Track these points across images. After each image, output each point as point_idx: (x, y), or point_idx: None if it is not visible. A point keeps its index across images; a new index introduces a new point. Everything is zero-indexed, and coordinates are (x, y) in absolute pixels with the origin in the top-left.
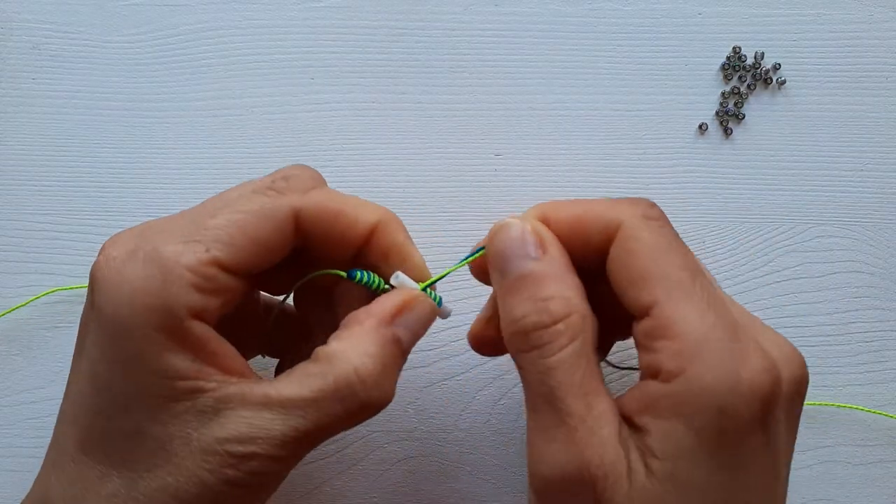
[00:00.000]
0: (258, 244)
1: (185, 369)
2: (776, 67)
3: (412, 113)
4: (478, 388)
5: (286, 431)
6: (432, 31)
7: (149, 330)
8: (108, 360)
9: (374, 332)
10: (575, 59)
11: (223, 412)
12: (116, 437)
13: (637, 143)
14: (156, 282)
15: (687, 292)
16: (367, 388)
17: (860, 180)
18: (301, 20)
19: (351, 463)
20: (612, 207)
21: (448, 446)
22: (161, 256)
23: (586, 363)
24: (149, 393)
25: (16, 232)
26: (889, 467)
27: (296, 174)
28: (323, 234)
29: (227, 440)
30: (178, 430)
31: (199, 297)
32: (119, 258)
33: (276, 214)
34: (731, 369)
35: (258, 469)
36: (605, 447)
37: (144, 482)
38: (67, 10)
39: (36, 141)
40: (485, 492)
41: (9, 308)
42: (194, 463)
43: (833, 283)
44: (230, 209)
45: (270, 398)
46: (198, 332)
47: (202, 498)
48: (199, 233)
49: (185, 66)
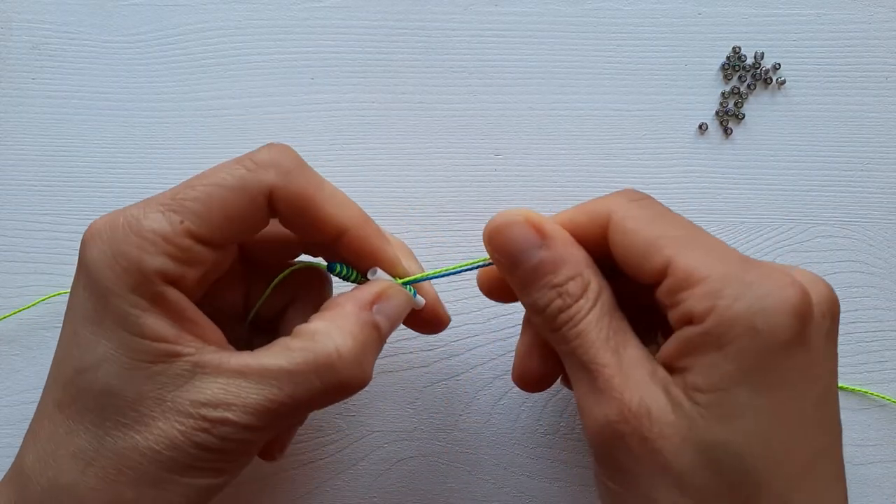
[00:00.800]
0: (231, 218)
1: (163, 332)
2: (776, 67)
3: (412, 113)
4: (478, 388)
5: (260, 400)
6: (432, 31)
7: (127, 291)
8: (90, 319)
9: (355, 315)
10: (575, 59)
11: (199, 376)
12: (89, 395)
13: (637, 143)
14: (132, 248)
15: (693, 242)
16: (347, 366)
17: (860, 180)
18: (301, 20)
19: (351, 463)
20: (599, 202)
21: (448, 446)
22: (139, 225)
23: (609, 320)
24: (125, 352)
25: (15, 232)
26: (889, 467)
27: (278, 150)
28: (294, 218)
29: (202, 404)
30: (152, 390)
31: (173, 265)
32: (103, 226)
33: (251, 189)
34: (759, 293)
35: (229, 435)
36: (641, 388)
37: (112, 439)
38: (67, 11)
39: (35, 141)
40: (485, 492)
41: (14, 309)
42: (167, 423)
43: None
44: (207, 181)
45: (249, 366)
46: (174, 298)
47: (171, 460)
48: (177, 203)
49: (185, 66)
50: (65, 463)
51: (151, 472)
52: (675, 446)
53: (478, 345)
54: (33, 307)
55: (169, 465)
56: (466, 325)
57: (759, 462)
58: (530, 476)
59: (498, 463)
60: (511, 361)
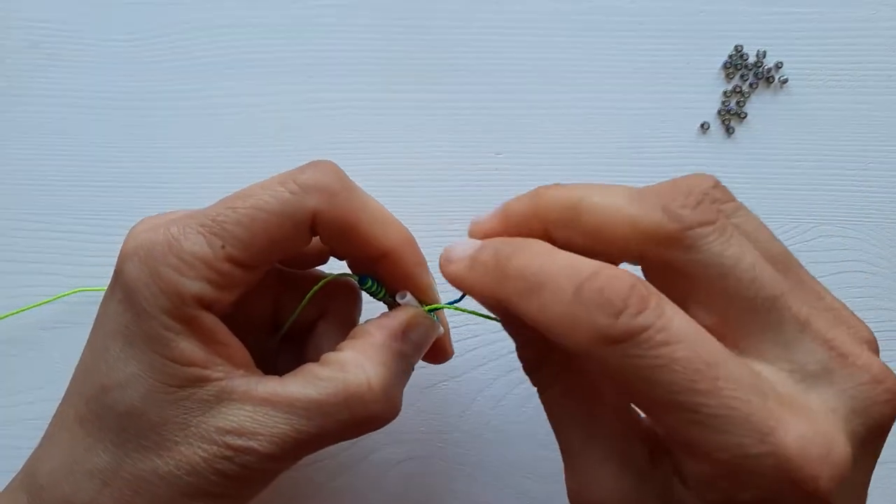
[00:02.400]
0: (273, 242)
1: (193, 356)
2: (778, 66)
3: (412, 112)
4: (478, 389)
5: (287, 431)
6: (432, 30)
7: (162, 313)
8: (122, 336)
9: (386, 345)
10: (575, 57)
11: (226, 403)
12: (113, 414)
13: (638, 142)
14: (171, 270)
15: (691, 415)
16: (378, 399)
17: (863, 179)
18: (301, 19)
19: (351, 464)
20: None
21: (448, 447)
22: (179, 247)
23: (578, 396)
24: (154, 374)
25: (13, 232)
26: (890, 468)
27: (322, 171)
28: (336, 240)
29: (227, 431)
30: (177, 414)
31: (211, 290)
32: (143, 242)
33: (296, 215)
34: (765, 492)
35: (252, 464)
36: (604, 483)
37: (131, 461)
38: (66, 9)
39: (34, 140)
40: (486, 493)
41: (21, 308)
42: (189, 449)
43: (836, 283)
44: (250, 203)
45: (277, 395)
46: (208, 322)
47: (190, 485)
48: (218, 226)
49: (185, 66)
50: (81, 481)
51: (167, 497)
52: None
53: (478, 346)
54: (37, 307)
55: (186, 490)
56: (466, 326)
57: None
58: (531, 477)
59: (498, 464)
60: (511, 362)
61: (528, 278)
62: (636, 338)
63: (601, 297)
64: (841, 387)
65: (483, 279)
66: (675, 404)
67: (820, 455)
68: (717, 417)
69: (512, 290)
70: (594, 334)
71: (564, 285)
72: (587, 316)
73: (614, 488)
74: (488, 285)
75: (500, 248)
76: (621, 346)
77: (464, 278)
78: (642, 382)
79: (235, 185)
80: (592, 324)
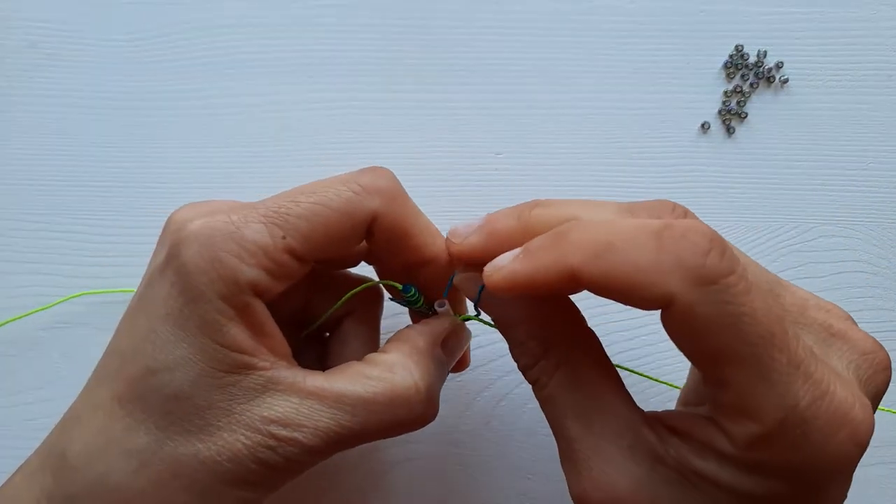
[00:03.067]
0: (332, 238)
1: (243, 343)
2: (779, 66)
3: (412, 112)
4: (478, 389)
5: (332, 426)
6: (432, 30)
7: (217, 298)
8: (173, 319)
9: (430, 352)
10: (575, 57)
11: (272, 392)
12: (159, 396)
13: (639, 142)
14: (231, 256)
15: (762, 370)
16: (422, 402)
17: (863, 179)
18: (301, 19)
19: (351, 465)
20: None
21: (448, 448)
22: (240, 234)
23: (580, 384)
24: (204, 358)
25: (13, 232)
26: (891, 468)
27: (382, 176)
28: (388, 244)
29: (273, 421)
30: (222, 400)
31: (267, 279)
32: (201, 227)
33: (356, 213)
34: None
35: (294, 456)
36: (612, 466)
37: (173, 444)
38: (65, 9)
39: (34, 140)
40: (486, 493)
41: (24, 313)
42: (232, 436)
43: (837, 283)
44: (314, 199)
45: (324, 390)
46: (259, 310)
47: (229, 472)
48: (280, 217)
49: (185, 65)
50: (117, 460)
51: (205, 482)
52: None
53: (478, 346)
54: (46, 309)
55: (225, 476)
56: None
57: None
58: (531, 477)
59: (499, 464)
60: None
61: (598, 240)
62: (726, 279)
63: (686, 241)
64: (848, 358)
65: (543, 261)
66: (751, 357)
67: (862, 415)
68: (785, 372)
69: (581, 257)
70: (685, 275)
71: (643, 238)
72: (675, 259)
73: (628, 476)
74: (551, 263)
75: (552, 232)
76: (712, 289)
77: (519, 271)
78: (726, 331)
79: (235, 186)
80: (682, 265)
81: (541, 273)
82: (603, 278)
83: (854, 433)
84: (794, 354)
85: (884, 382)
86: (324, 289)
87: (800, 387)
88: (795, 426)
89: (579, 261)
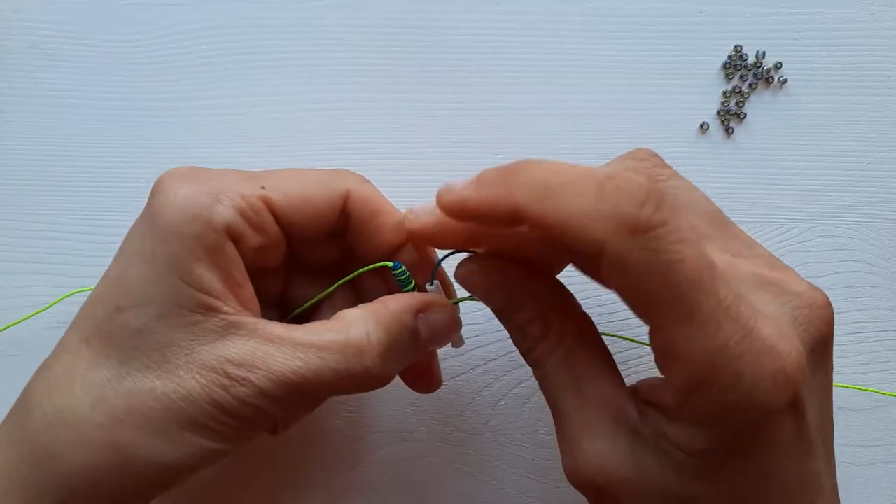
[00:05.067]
0: (308, 203)
1: (211, 286)
2: (778, 66)
3: (412, 113)
4: (478, 388)
5: (284, 370)
6: (432, 31)
7: (190, 237)
8: (145, 258)
9: (398, 315)
10: (575, 58)
11: (232, 336)
12: (124, 333)
13: (638, 143)
14: (208, 197)
15: (689, 313)
16: (374, 357)
17: (862, 180)
18: (301, 19)
19: (350, 465)
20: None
21: (448, 447)
22: (220, 179)
23: (574, 359)
24: (169, 296)
25: (13, 232)
26: (890, 468)
27: (352, 172)
28: (364, 223)
29: (227, 360)
30: (184, 339)
31: (241, 223)
32: (181, 172)
33: (330, 185)
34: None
35: (246, 398)
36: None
37: (132, 379)
38: (65, 9)
39: (34, 140)
40: (485, 493)
41: (23, 316)
42: (188, 373)
43: (835, 283)
44: (291, 170)
45: (281, 337)
46: (230, 254)
47: (184, 412)
48: (258, 176)
49: (185, 66)
50: (76, 395)
51: (161, 421)
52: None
53: (478, 345)
54: (46, 310)
55: (180, 417)
56: (466, 326)
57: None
58: (531, 477)
59: (498, 464)
60: (511, 362)
61: (544, 183)
62: (658, 230)
63: (624, 191)
64: (781, 301)
65: (491, 192)
66: (678, 301)
67: (788, 348)
68: (713, 316)
69: (526, 196)
70: (619, 224)
71: (586, 184)
72: (611, 208)
73: (611, 448)
74: (498, 196)
75: (504, 167)
76: (644, 238)
77: (469, 197)
78: (656, 278)
79: None
80: (617, 215)
81: (487, 204)
82: (542, 219)
83: (782, 368)
84: (721, 299)
85: (823, 321)
86: (302, 279)
87: (727, 328)
88: (725, 367)
89: (523, 199)
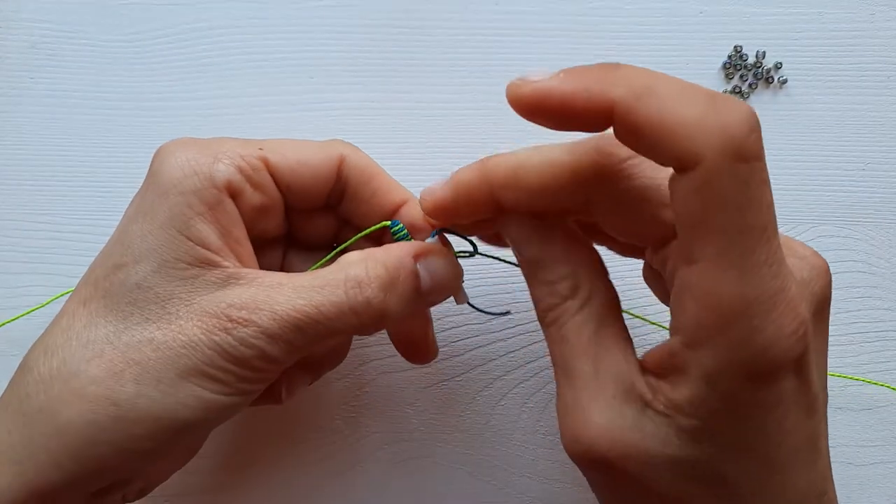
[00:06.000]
0: (305, 165)
1: (209, 240)
2: (777, 66)
3: (412, 112)
4: (478, 389)
5: (287, 309)
6: (432, 31)
7: (190, 192)
8: (145, 214)
9: (397, 256)
10: (575, 58)
11: (232, 285)
12: (123, 289)
13: None
14: (208, 156)
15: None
16: (373, 289)
17: (862, 179)
18: (301, 19)
19: (351, 464)
20: (697, 126)
21: (448, 447)
22: (220, 142)
23: (595, 327)
24: (168, 249)
25: (14, 232)
26: (890, 468)
27: (346, 142)
28: (357, 188)
29: (230, 305)
30: (183, 291)
31: (240, 179)
32: (182, 139)
33: (327, 151)
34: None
35: (249, 339)
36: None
37: (130, 333)
38: (66, 9)
39: (34, 140)
40: (486, 493)
41: (20, 313)
42: (189, 321)
43: (836, 283)
44: (288, 139)
45: (281, 282)
46: (229, 210)
47: (184, 358)
48: (259, 142)
49: (185, 66)
50: (74, 352)
51: (160, 371)
52: (642, 465)
53: (478, 346)
54: (43, 307)
55: (179, 364)
56: (466, 326)
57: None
58: (531, 477)
59: (498, 464)
60: (511, 362)
61: (645, 83)
62: (756, 163)
63: (737, 112)
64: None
65: (584, 83)
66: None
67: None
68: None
69: (625, 92)
70: (726, 143)
71: (696, 93)
72: (721, 125)
73: (619, 418)
74: (590, 88)
75: (594, 65)
76: (744, 167)
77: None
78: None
79: None
80: (726, 133)
81: (578, 97)
82: (641, 118)
83: (799, 326)
84: (773, 251)
85: (826, 285)
86: (300, 251)
87: (768, 282)
88: (751, 319)
89: (622, 94)
